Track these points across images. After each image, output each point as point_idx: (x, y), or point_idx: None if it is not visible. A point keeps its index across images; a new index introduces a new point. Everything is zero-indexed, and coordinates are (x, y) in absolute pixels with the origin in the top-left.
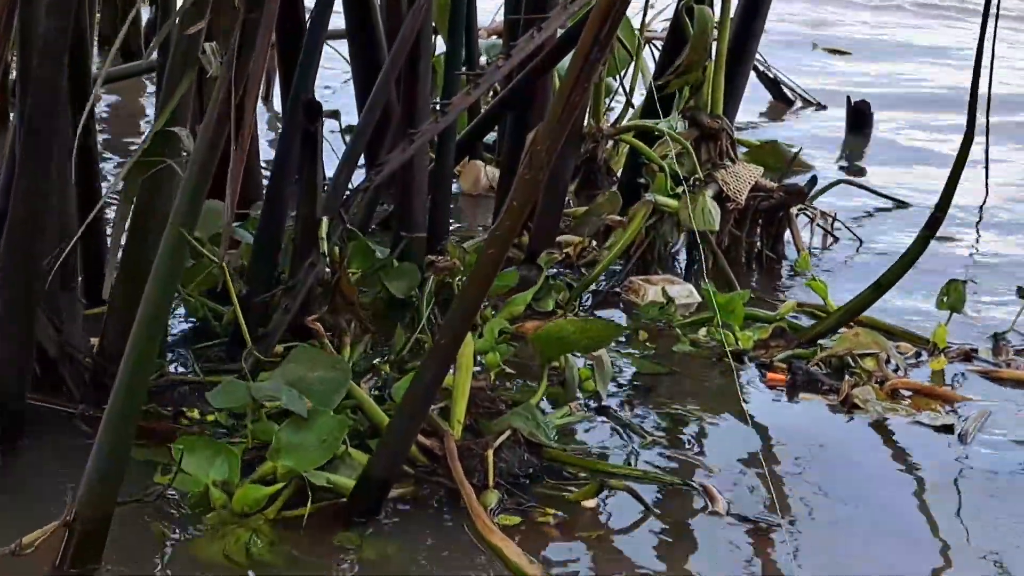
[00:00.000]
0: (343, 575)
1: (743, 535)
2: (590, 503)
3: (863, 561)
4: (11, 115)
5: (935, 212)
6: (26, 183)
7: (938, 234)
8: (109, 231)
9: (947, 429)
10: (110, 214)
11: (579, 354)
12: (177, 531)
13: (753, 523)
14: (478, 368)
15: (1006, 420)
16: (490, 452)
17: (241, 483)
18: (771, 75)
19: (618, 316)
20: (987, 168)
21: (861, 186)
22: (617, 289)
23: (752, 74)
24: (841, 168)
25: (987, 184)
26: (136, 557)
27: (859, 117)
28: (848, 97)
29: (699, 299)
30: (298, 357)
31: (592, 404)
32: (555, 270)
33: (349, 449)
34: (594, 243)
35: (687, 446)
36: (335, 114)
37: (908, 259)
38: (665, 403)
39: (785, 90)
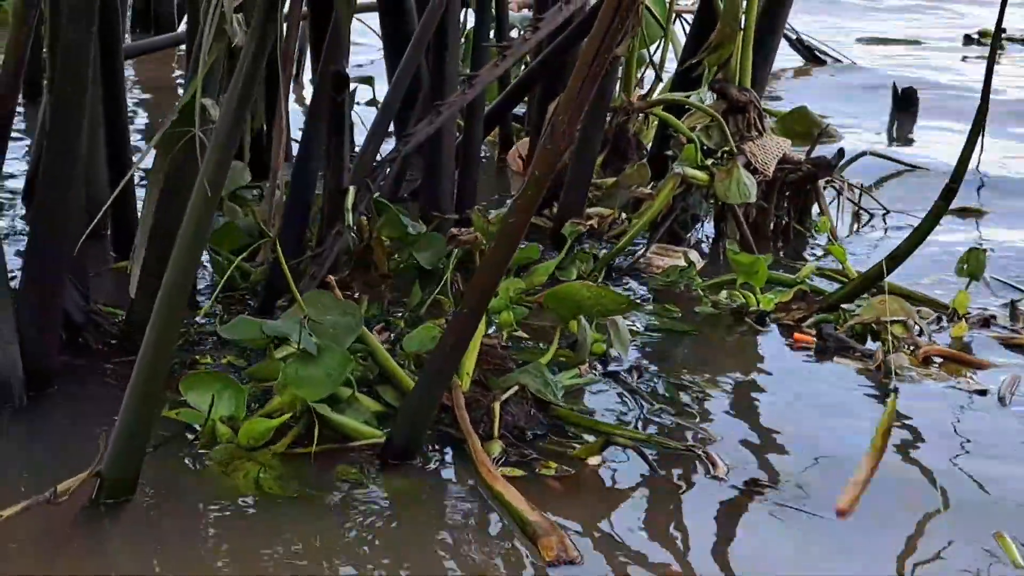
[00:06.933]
0: (347, 512)
1: (743, 499)
2: (593, 460)
3: (867, 529)
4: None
5: (949, 183)
6: (56, 150)
7: None
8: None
9: (981, 393)
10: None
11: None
12: (190, 465)
13: (755, 488)
14: (492, 328)
15: None
16: (496, 404)
17: (247, 418)
18: (804, 42)
19: (640, 288)
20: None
21: (888, 157)
22: (637, 265)
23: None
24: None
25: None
26: (152, 489)
27: (906, 102)
28: (894, 83)
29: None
30: (310, 302)
31: (601, 368)
32: (586, 244)
33: (356, 393)
34: (623, 215)
35: (695, 413)
36: (369, 80)
37: (924, 229)
38: (681, 367)
39: (819, 55)
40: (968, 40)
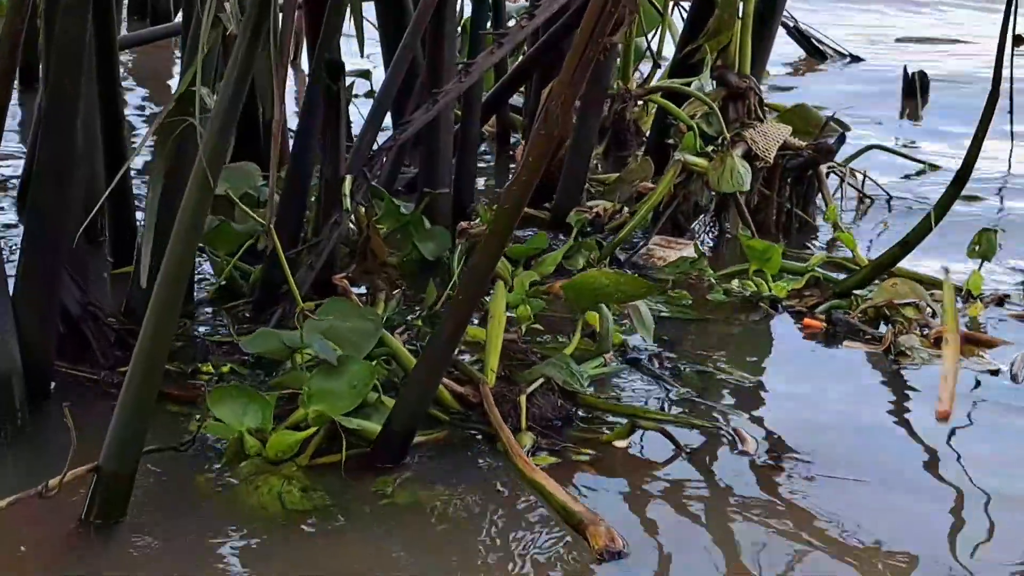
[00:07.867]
0: (375, 521)
1: (772, 474)
2: (622, 443)
3: (885, 508)
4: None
5: (960, 170)
6: (52, 142)
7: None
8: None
9: (994, 373)
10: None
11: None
12: (212, 480)
13: (782, 463)
14: (509, 321)
15: None
16: (523, 397)
17: (273, 430)
18: (801, 30)
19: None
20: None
21: (890, 150)
22: (638, 258)
23: None
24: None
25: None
26: (170, 506)
27: (913, 87)
28: (905, 67)
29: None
30: (329, 309)
31: (623, 357)
32: (590, 234)
33: (382, 397)
34: (626, 209)
35: (717, 392)
36: (365, 73)
37: (935, 216)
38: (697, 353)
39: (817, 44)
40: (1020, 41)
